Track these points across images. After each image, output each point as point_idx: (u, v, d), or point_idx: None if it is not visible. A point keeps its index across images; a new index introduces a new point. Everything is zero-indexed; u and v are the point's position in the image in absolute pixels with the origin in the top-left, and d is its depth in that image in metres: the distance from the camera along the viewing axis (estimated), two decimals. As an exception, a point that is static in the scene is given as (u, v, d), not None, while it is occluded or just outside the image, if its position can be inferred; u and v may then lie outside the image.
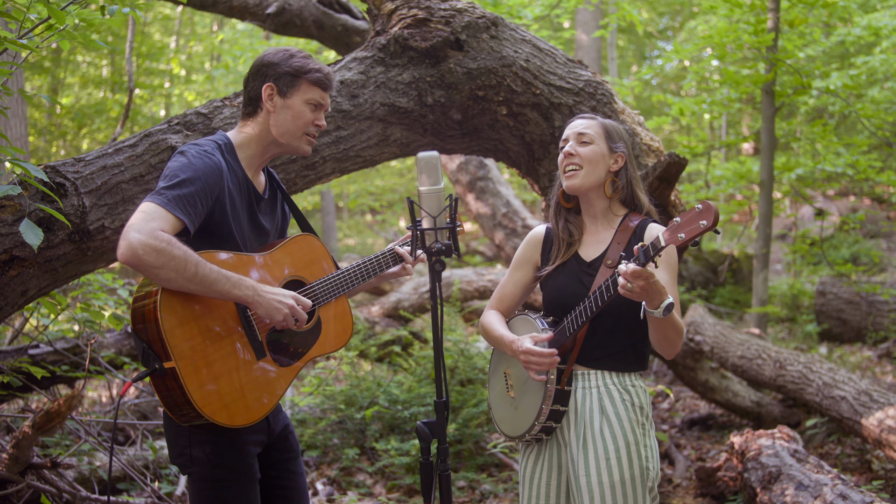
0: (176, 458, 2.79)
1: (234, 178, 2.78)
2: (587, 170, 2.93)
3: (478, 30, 4.29)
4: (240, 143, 2.86)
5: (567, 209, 3.07)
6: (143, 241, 2.42)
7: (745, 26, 8.82)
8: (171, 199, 2.54)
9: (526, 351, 2.83)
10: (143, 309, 2.56)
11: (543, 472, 2.97)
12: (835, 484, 4.11)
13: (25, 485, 4.11)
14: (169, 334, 2.51)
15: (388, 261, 3.15)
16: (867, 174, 9.94)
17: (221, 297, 2.59)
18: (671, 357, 2.87)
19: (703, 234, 2.42)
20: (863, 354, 9.13)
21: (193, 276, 2.49)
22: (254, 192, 2.87)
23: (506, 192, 8.94)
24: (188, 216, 2.56)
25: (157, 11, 17.44)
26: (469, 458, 5.98)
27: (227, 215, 2.72)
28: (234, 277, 2.59)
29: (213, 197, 2.66)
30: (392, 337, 7.86)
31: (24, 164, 3.10)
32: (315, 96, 2.86)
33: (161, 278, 2.48)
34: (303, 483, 3.04)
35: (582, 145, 2.95)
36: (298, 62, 2.83)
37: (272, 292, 2.65)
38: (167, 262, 2.44)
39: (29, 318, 5.58)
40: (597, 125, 3.00)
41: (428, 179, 2.58)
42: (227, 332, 2.67)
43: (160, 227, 2.47)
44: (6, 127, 6.55)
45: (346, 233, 20.77)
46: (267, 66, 2.84)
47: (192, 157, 2.67)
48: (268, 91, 2.82)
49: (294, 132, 2.87)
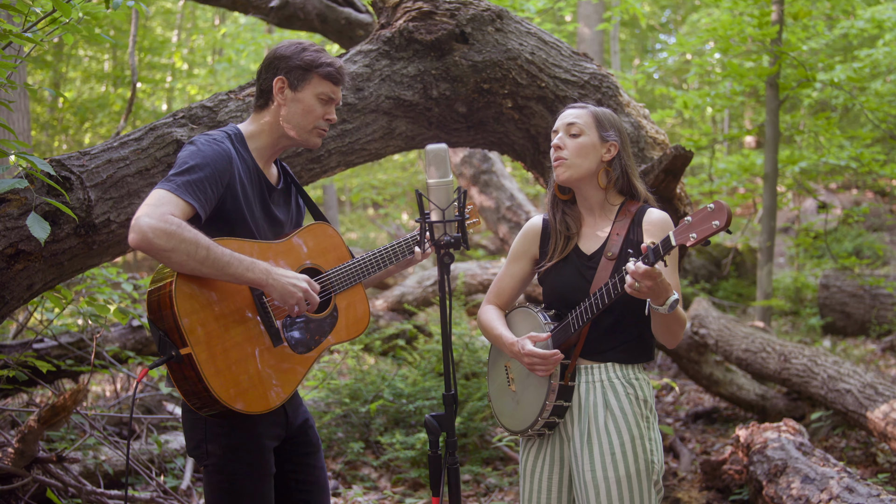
0: (192, 450, 2.79)
1: (244, 167, 2.78)
2: (577, 162, 2.88)
3: (483, 22, 4.27)
4: (250, 134, 2.86)
5: (564, 201, 3.03)
6: (152, 225, 2.43)
7: (748, 19, 8.79)
8: (180, 184, 2.55)
9: (529, 353, 2.81)
10: (158, 297, 2.56)
11: (545, 467, 2.95)
12: (841, 477, 4.11)
13: (31, 479, 4.11)
14: (184, 320, 2.51)
15: (405, 250, 3.12)
16: (871, 167, 9.93)
17: (234, 280, 2.59)
18: (672, 347, 2.85)
19: (715, 234, 2.38)
20: (866, 347, 9.12)
21: (205, 258, 2.49)
22: (266, 183, 2.86)
23: (509, 186, 8.93)
24: (198, 201, 2.57)
25: (159, 5, 17.43)
26: (474, 451, 5.98)
27: (239, 202, 2.72)
28: (246, 261, 2.58)
29: (223, 183, 2.66)
30: (396, 331, 7.85)
31: (30, 157, 3.10)
32: (326, 90, 2.85)
33: (173, 261, 2.48)
34: (323, 478, 3.02)
35: (571, 137, 2.90)
36: (310, 56, 2.82)
37: (286, 275, 2.64)
38: (178, 245, 2.45)
39: (34, 313, 5.58)
40: (587, 114, 2.93)
41: (436, 172, 2.57)
42: (243, 319, 2.66)
43: (170, 212, 2.48)
44: (10, 121, 6.54)
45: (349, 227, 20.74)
46: (279, 59, 2.83)
47: (200, 144, 2.69)
48: (279, 84, 2.82)
49: (304, 126, 2.86)
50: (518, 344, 2.86)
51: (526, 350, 2.82)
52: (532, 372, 2.85)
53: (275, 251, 2.80)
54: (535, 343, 2.83)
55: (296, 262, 2.86)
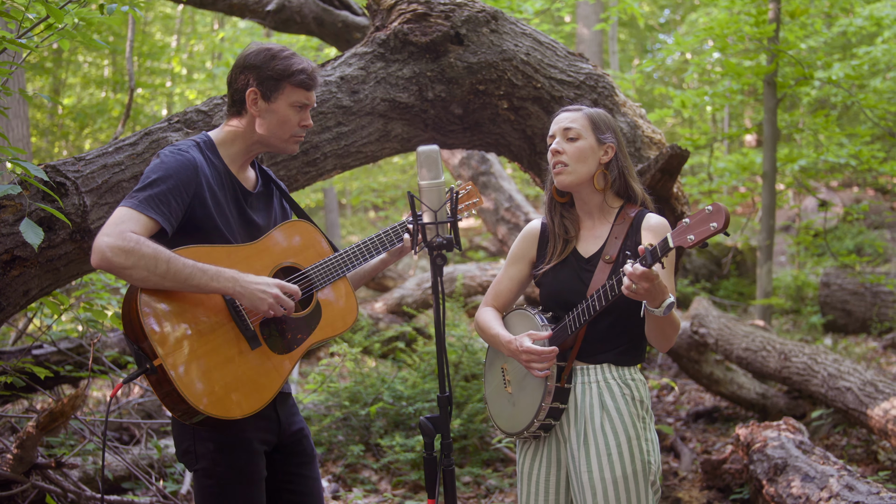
0: (181, 455, 2.78)
1: (214, 173, 2.75)
2: (576, 166, 2.87)
3: (478, 24, 4.27)
4: (221, 141, 2.83)
5: (562, 204, 3.02)
6: (110, 244, 2.43)
7: (746, 17, 8.79)
8: (142, 200, 2.54)
9: (527, 350, 2.80)
10: (128, 309, 2.55)
11: (542, 468, 2.94)
12: (841, 475, 4.10)
13: (30, 485, 4.11)
14: (152, 331, 2.50)
15: (392, 239, 3.05)
16: (870, 164, 9.92)
17: (200, 290, 2.57)
18: (665, 351, 2.84)
19: (713, 236, 2.37)
20: (868, 345, 9.11)
21: (165, 272, 2.48)
22: (240, 188, 2.83)
23: (508, 187, 8.93)
24: (162, 215, 2.55)
25: (158, 11, 17.42)
26: (474, 453, 5.98)
27: (209, 210, 2.69)
28: (211, 270, 2.56)
29: (188, 193, 2.64)
30: (396, 333, 7.84)
31: (24, 163, 3.10)
32: (300, 98, 2.80)
33: (134, 278, 2.48)
34: (317, 488, 2.99)
35: (569, 142, 2.88)
36: (281, 65, 2.75)
37: (255, 281, 2.62)
38: (137, 262, 2.44)
39: (32, 319, 5.58)
40: (582, 117, 2.91)
41: (428, 173, 2.56)
42: (216, 325, 2.64)
43: (130, 229, 2.47)
44: (7, 128, 6.54)
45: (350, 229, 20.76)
46: (249, 68, 2.77)
47: (164, 156, 2.67)
48: (251, 96, 2.77)
49: (281, 136, 2.83)
50: (516, 341, 2.85)
51: (524, 347, 2.81)
52: (529, 371, 2.84)
53: (246, 254, 2.76)
54: (533, 341, 2.83)
55: (271, 262, 2.82)
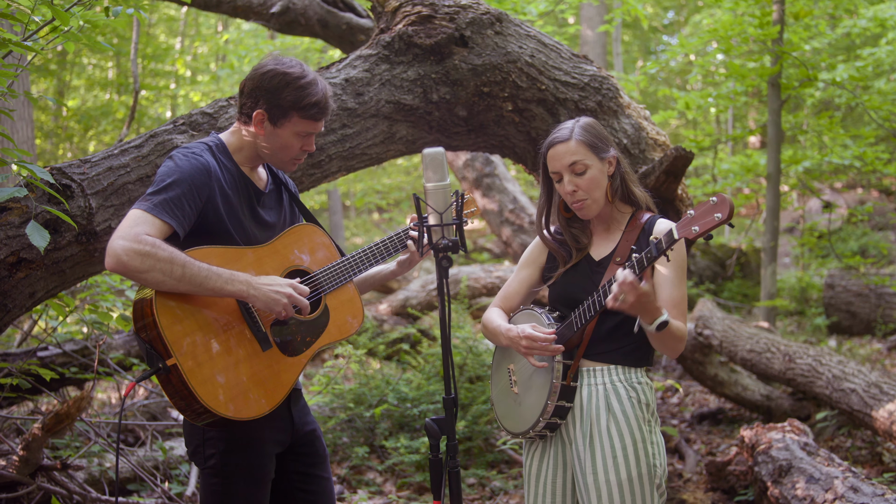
0: (192, 454, 2.80)
1: (227, 176, 2.76)
2: (594, 195, 2.86)
3: (482, 26, 4.28)
4: (233, 145, 2.84)
5: (568, 218, 3.02)
6: (126, 247, 2.43)
7: (750, 19, 8.78)
8: (156, 203, 2.54)
9: (527, 336, 2.80)
10: (141, 308, 2.56)
11: (549, 470, 2.94)
12: (846, 476, 4.09)
13: (36, 486, 4.12)
14: (167, 331, 2.50)
15: (396, 245, 3.07)
16: (874, 166, 9.90)
17: (214, 294, 2.58)
18: (673, 358, 2.85)
19: (718, 227, 2.38)
20: (872, 347, 9.09)
21: (181, 276, 2.49)
22: (253, 188, 2.85)
23: (512, 189, 8.93)
24: (175, 219, 2.56)
25: (162, 13, 17.46)
26: (479, 454, 5.98)
27: (221, 214, 2.70)
28: (225, 274, 2.57)
29: (202, 197, 2.65)
30: (400, 335, 7.84)
31: (29, 165, 3.10)
32: (306, 128, 2.79)
33: (150, 282, 2.48)
34: (329, 488, 3.00)
35: (579, 176, 2.85)
36: (292, 96, 2.72)
37: (268, 283, 2.63)
38: (153, 265, 2.44)
39: (38, 321, 5.60)
40: (578, 146, 2.84)
41: (434, 176, 2.57)
42: (229, 326, 2.66)
43: (145, 232, 2.47)
44: (12, 130, 6.56)
45: (354, 231, 20.76)
46: (261, 91, 2.75)
47: (178, 160, 2.66)
48: (258, 116, 2.76)
49: (281, 158, 2.84)
50: (515, 329, 2.85)
51: (524, 333, 2.81)
52: (528, 358, 2.83)
53: (259, 255, 2.78)
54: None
55: (282, 264, 2.84)
